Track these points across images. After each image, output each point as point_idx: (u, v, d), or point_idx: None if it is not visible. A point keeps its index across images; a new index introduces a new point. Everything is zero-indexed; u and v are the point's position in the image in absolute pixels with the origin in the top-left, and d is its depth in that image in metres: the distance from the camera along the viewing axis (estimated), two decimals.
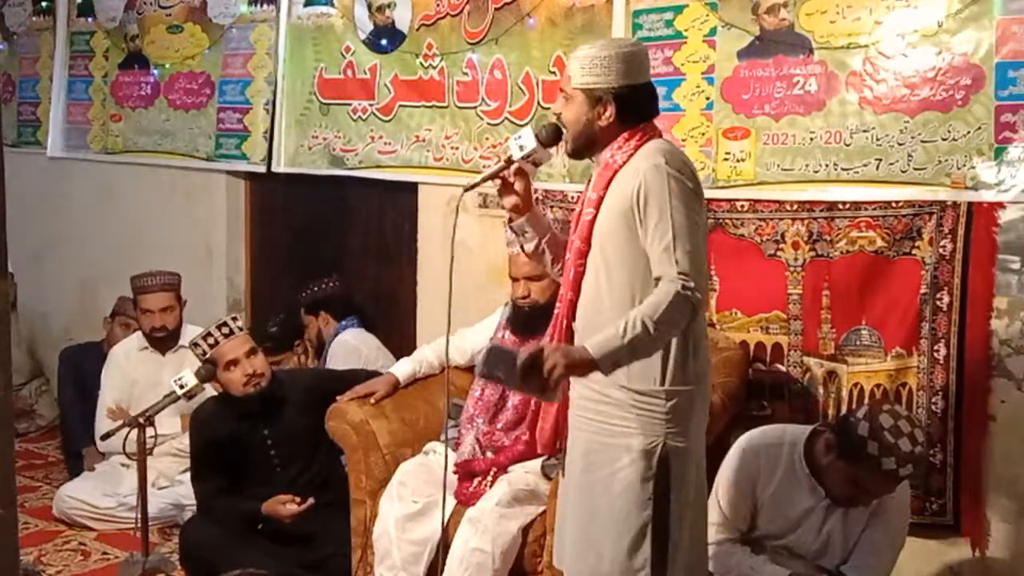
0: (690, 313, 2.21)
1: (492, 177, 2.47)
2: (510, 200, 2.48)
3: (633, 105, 2.34)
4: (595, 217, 2.34)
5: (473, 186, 2.48)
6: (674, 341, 2.29)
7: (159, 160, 5.11)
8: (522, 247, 2.55)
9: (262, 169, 4.68)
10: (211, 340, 3.47)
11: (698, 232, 2.27)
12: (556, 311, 2.44)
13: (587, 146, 2.39)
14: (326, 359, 4.18)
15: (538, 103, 3.83)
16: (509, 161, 2.44)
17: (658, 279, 2.23)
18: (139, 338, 4.36)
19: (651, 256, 2.25)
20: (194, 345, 3.51)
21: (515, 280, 3.19)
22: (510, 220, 2.52)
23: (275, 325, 4.18)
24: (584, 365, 2.17)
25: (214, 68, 4.86)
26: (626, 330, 2.15)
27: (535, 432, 2.54)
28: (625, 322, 2.16)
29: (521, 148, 2.42)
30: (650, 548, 2.32)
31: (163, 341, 4.29)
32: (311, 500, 3.35)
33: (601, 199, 2.33)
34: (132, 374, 4.30)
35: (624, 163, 2.32)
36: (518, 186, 2.46)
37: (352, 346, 4.16)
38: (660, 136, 2.39)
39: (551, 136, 2.41)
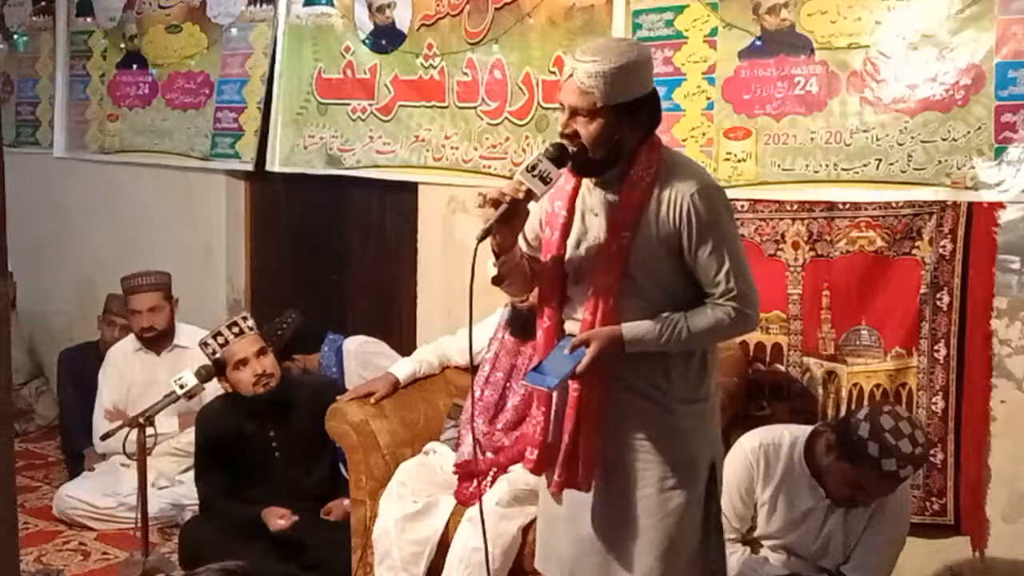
0: (739, 335, 2.38)
1: (510, 216, 2.20)
2: (509, 237, 2.25)
3: (655, 112, 2.27)
4: (631, 241, 2.22)
5: (487, 233, 2.20)
6: (710, 355, 2.34)
7: (155, 160, 5.11)
8: (500, 283, 2.36)
9: (251, 167, 4.69)
10: (221, 339, 3.47)
11: (743, 251, 2.30)
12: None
13: (612, 162, 2.24)
14: (343, 375, 4.08)
15: (538, 103, 3.82)
16: (529, 195, 2.18)
17: (710, 295, 2.24)
18: (134, 339, 4.35)
19: (703, 277, 2.23)
20: (204, 344, 3.51)
21: None
22: (496, 256, 2.29)
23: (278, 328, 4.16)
24: (615, 343, 2.22)
25: (213, 68, 4.85)
26: (664, 336, 2.21)
27: (569, 472, 2.33)
28: (671, 325, 2.21)
29: (545, 181, 2.17)
30: (702, 561, 2.34)
31: (155, 341, 4.28)
32: (296, 518, 3.38)
33: (635, 221, 2.22)
34: (129, 376, 4.30)
35: (653, 181, 2.22)
36: (517, 223, 2.25)
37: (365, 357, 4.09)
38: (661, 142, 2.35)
39: (562, 158, 2.20)
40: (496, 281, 2.34)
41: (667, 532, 2.30)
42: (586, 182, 2.32)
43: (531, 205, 2.28)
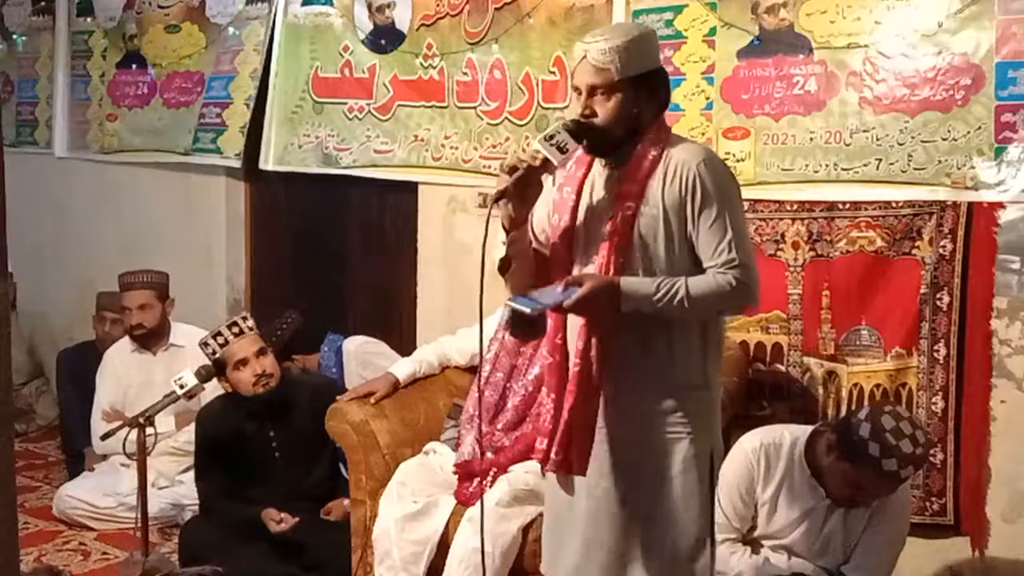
0: (738, 307, 2.34)
1: (525, 183, 2.21)
2: (521, 209, 2.26)
3: (665, 88, 2.30)
4: (636, 211, 2.24)
5: (502, 195, 2.21)
6: (712, 343, 2.32)
7: (146, 158, 5.11)
8: (507, 267, 2.34)
9: (236, 164, 4.69)
10: (221, 339, 3.48)
11: (746, 226, 2.31)
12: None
13: (626, 140, 2.25)
14: (343, 375, 4.10)
15: (538, 103, 3.82)
16: (545, 164, 2.21)
17: (711, 267, 2.22)
18: (129, 340, 4.35)
19: (705, 248, 2.22)
20: (203, 344, 3.51)
21: None
22: (507, 232, 2.30)
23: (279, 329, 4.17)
24: (610, 292, 2.19)
25: (208, 67, 4.85)
26: (660, 293, 2.18)
27: (566, 451, 2.32)
28: (670, 285, 2.18)
29: (562, 151, 2.19)
30: (709, 548, 2.33)
31: (147, 339, 4.28)
32: (295, 520, 3.38)
33: (641, 192, 2.24)
34: (126, 378, 4.29)
35: (659, 155, 2.25)
36: (531, 195, 2.27)
37: (365, 358, 4.11)
38: None
39: (580, 133, 2.21)
40: (503, 266, 2.33)
41: (673, 525, 2.30)
42: (596, 168, 2.33)
43: (540, 198, 2.30)
